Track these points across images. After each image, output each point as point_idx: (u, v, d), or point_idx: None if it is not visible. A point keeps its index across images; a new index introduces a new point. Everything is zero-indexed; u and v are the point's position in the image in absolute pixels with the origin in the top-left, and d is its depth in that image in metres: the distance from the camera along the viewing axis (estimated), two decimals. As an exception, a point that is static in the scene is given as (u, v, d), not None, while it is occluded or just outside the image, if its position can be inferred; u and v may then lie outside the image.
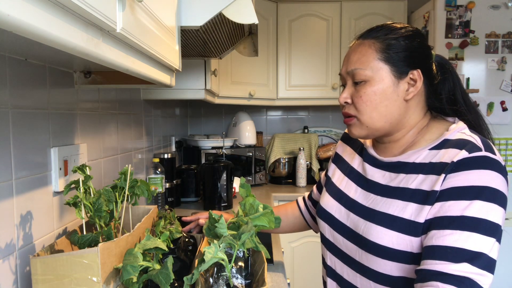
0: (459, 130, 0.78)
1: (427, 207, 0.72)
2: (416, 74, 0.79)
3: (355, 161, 0.95)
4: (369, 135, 0.84)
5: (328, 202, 0.94)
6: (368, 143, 0.94)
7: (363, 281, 0.82)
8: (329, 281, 0.94)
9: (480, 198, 0.67)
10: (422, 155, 0.79)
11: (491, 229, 0.65)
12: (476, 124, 0.84)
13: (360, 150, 0.96)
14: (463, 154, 0.71)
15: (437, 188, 0.71)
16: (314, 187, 1.17)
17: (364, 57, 0.80)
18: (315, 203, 1.14)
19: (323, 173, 1.13)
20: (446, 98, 0.84)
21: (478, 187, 0.67)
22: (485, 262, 0.64)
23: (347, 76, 0.84)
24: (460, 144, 0.74)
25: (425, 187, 0.74)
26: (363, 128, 0.83)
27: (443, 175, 0.71)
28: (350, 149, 1.00)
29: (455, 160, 0.71)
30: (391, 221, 0.76)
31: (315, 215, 1.01)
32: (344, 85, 0.87)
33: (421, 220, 0.72)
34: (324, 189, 1.01)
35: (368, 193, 0.85)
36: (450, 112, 0.84)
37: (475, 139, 0.74)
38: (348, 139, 1.04)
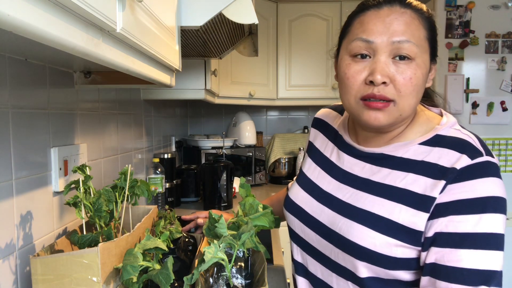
0: (451, 125, 0.72)
1: (423, 214, 0.66)
2: (434, 62, 0.74)
3: (328, 149, 0.86)
4: (390, 125, 0.71)
5: (298, 194, 0.86)
6: (343, 129, 0.85)
7: (339, 281, 0.77)
8: (300, 280, 0.87)
9: (488, 210, 0.63)
10: (411, 150, 0.71)
11: (500, 242, 0.63)
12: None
13: (334, 137, 0.87)
14: (465, 160, 0.65)
15: (434, 194, 0.65)
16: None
17: (414, 31, 0.67)
18: None
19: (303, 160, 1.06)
20: None
21: (484, 198, 0.63)
22: (498, 279, 0.62)
23: (384, 48, 0.67)
24: (459, 145, 0.68)
25: (417, 188, 0.68)
26: (393, 117, 0.69)
27: (443, 182, 0.65)
28: (322, 136, 0.91)
29: (457, 167, 0.65)
30: (376, 221, 0.69)
31: None
32: (361, 56, 0.69)
33: (419, 228, 0.66)
34: (295, 179, 0.93)
35: (345, 186, 0.77)
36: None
37: (473, 139, 0.69)
38: (319, 125, 0.94)
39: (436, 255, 0.64)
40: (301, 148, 2.65)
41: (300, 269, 0.87)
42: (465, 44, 2.30)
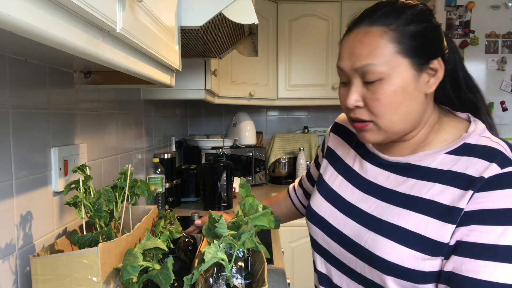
0: (480, 133, 0.69)
1: (450, 226, 0.63)
2: (437, 63, 0.68)
3: (350, 157, 0.84)
4: (386, 139, 0.72)
5: (320, 205, 0.84)
6: None
7: None
8: None
9: None
10: (437, 159, 0.69)
11: None
12: (482, 115, 0.74)
13: (356, 144, 0.85)
14: (494, 169, 0.62)
15: (462, 205, 0.62)
16: (304, 174, 1.10)
17: (377, 50, 0.66)
18: (306, 192, 1.09)
19: (313, 163, 1.05)
20: (449, 83, 0.74)
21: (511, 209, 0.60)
22: None
23: (354, 74, 0.69)
24: (488, 154, 0.64)
25: (444, 200, 0.65)
26: (381, 133, 0.70)
27: (470, 192, 0.62)
28: (343, 143, 0.89)
29: (485, 176, 0.62)
30: (402, 234, 0.67)
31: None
32: (344, 83, 0.73)
33: (446, 240, 0.63)
34: (315, 187, 0.91)
35: (370, 196, 0.75)
36: (456, 102, 0.75)
37: (503, 147, 0.65)
38: (340, 131, 0.92)
39: (454, 263, 0.62)
40: (301, 148, 2.65)
41: (324, 280, 0.85)
42: (465, 44, 2.30)
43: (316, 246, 0.86)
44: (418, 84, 0.68)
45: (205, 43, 1.32)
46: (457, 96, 0.75)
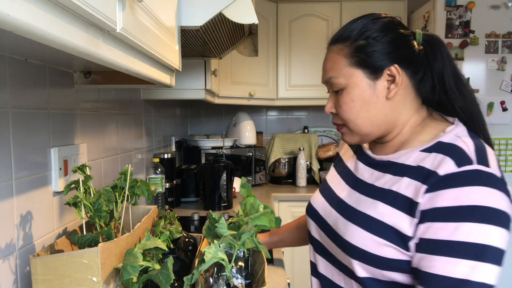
0: (456, 133, 0.72)
1: (409, 218, 0.67)
2: (393, 69, 0.74)
3: (350, 160, 0.92)
4: (362, 141, 0.82)
5: (316, 199, 0.92)
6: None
7: (346, 280, 0.80)
8: (313, 280, 0.92)
9: (470, 219, 0.61)
10: (412, 157, 0.73)
11: (483, 254, 0.60)
12: (466, 115, 0.76)
13: (356, 148, 0.93)
14: (450, 167, 0.65)
15: (419, 199, 0.66)
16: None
17: (335, 65, 0.78)
18: None
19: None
20: (439, 84, 0.77)
21: (467, 207, 0.61)
22: None
23: (327, 85, 0.82)
24: (449, 150, 0.68)
25: (408, 193, 0.69)
26: (354, 135, 0.81)
27: (424, 187, 0.66)
28: (348, 148, 0.97)
29: (440, 173, 0.65)
30: (367, 221, 0.72)
31: None
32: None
33: (409, 233, 0.67)
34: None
35: (354, 191, 0.81)
36: (447, 103, 0.77)
37: (468, 146, 0.67)
38: None
39: (417, 260, 0.66)
40: (301, 148, 2.65)
41: (313, 269, 0.92)
42: (465, 44, 2.30)
43: (310, 238, 0.94)
44: (376, 91, 0.76)
45: (205, 43, 1.32)
46: (448, 98, 0.77)
